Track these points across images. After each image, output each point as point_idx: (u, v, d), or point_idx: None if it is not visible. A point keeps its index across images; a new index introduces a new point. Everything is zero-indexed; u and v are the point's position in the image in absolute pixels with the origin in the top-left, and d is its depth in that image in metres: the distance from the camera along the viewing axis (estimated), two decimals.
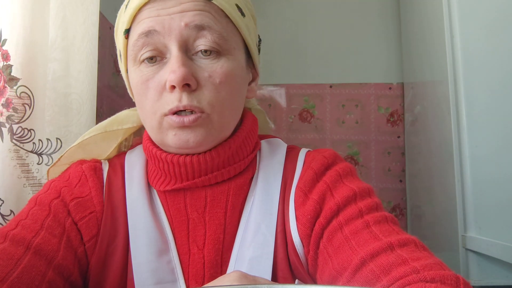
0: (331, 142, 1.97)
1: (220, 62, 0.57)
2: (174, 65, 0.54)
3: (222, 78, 0.57)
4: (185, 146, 0.57)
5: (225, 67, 0.57)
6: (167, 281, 0.57)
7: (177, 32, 0.55)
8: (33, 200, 0.60)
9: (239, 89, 0.61)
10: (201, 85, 0.56)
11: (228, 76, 0.57)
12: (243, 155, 0.63)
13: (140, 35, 0.56)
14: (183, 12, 0.55)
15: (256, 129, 0.67)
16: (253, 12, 0.65)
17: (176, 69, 0.54)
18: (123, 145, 0.74)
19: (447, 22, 1.27)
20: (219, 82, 0.57)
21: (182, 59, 0.55)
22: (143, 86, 0.58)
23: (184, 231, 0.60)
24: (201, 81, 0.56)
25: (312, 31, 2.03)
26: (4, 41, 0.78)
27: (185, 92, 0.55)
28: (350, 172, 0.62)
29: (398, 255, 0.47)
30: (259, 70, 0.68)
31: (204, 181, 0.60)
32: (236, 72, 0.59)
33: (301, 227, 0.57)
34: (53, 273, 0.53)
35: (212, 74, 0.56)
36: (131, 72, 0.60)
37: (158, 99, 0.57)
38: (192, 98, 0.55)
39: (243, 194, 0.61)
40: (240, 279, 0.37)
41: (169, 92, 0.56)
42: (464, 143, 1.20)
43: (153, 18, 0.56)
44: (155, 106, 0.57)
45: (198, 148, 0.58)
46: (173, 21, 0.55)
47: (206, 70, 0.56)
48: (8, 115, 0.79)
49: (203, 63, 0.57)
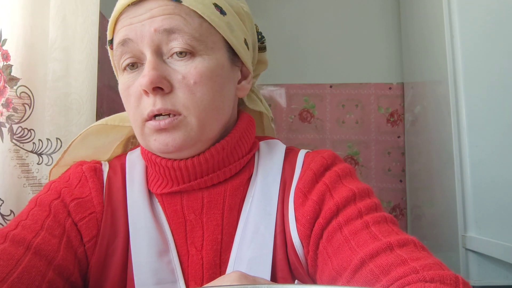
0: (331, 142, 1.97)
1: (194, 62, 0.56)
2: (146, 69, 0.55)
3: (196, 79, 0.56)
4: (165, 150, 0.57)
5: (200, 68, 0.56)
6: (167, 282, 0.57)
7: (148, 38, 0.56)
8: (33, 201, 0.60)
9: (220, 89, 0.59)
10: (175, 87, 0.56)
11: (204, 77, 0.56)
12: (238, 156, 0.63)
13: (118, 44, 0.58)
14: (152, 17, 0.56)
15: (253, 130, 0.67)
16: (239, 9, 0.64)
17: (146, 73, 0.54)
18: (131, 142, 0.74)
19: (447, 22, 1.27)
20: (193, 83, 0.56)
21: (153, 63, 0.55)
22: (125, 94, 0.59)
23: (182, 233, 0.60)
24: (174, 83, 0.56)
25: (312, 31, 2.03)
26: (4, 41, 0.78)
27: (158, 96, 0.55)
28: (349, 172, 0.62)
29: (398, 255, 0.47)
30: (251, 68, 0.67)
31: (200, 183, 0.60)
32: (214, 71, 0.58)
33: (301, 228, 0.57)
34: (53, 273, 0.53)
35: (186, 75, 0.56)
36: (119, 80, 0.62)
37: (137, 105, 0.58)
38: (166, 101, 0.55)
39: (240, 194, 0.61)
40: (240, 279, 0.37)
41: (145, 97, 0.56)
42: (464, 143, 1.20)
43: (127, 27, 0.57)
44: (136, 113, 0.58)
45: (179, 152, 0.58)
46: (144, 28, 0.56)
47: (180, 72, 0.56)
48: (8, 115, 0.79)
49: (177, 65, 0.56)
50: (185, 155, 0.59)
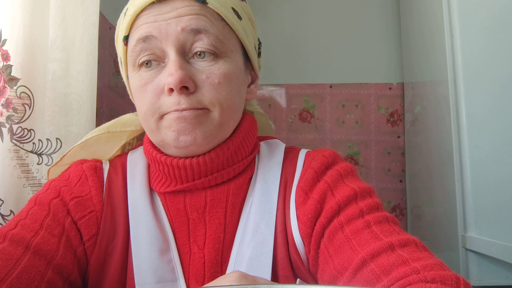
0: (331, 142, 1.97)
1: (217, 64, 0.58)
2: (172, 68, 0.55)
3: (220, 79, 0.57)
4: (183, 144, 0.57)
5: (223, 69, 0.58)
6: (168, 280, 0.57)
7: (174, 37, 0.56)
8: (33, 200, 0.60)
9: (238, 91, 0.61)
10: (199, 87, 0.57)
11: (226, 77, 0.58)
12: (242, 156, 0.63)
13: (138, 40, 0.57)
14: (179, 17, 0.56)
15: (255, 131, 0.67)
16: (251, 15, 0.66)
17: (174, 72, 0.54)
18: (126, 149, 0.74)
19: (447, 22, 1.27)
20: (218, 82, 0.57)
21: (179, 62, 0.55)
22: (141, 90, 0.58)
23: (184, 231, 0.60)
24: (199, 83, 0.57)
25: (312, 31, 2.03)
26: (4, 41, 0.78)
27: (183, 95, 0.56)
28: (351, 172, 0.62)
29: (399, 255, 0.47)
30: (258, 73, 0.69)
31: (204, 182, 0.60)
32: (234, 73, 0.60)
33: (302, 226, 0.57)
34: (53, 273, 0.53)
35: (209, 75, 0.57)
36: (131, 77, 0.61)
37: (156, 101, 0.57)
38: (191, 100, 0.56)
39: (243, 193, 0.62)
40: (240, 279, 0.37)
41: (167, 95, 0.56)
42: (464, 143, 1.20)
43: (150, 24, 0.57)
44: (153, 108, 0.57)
45: (197, 147, 0.58)
46: (170, 26, 0.56)
47: (204, 72, 0.57)
48: (8, 115, 0.79)
49: (201, 66, 0.57)
50: (196, 152, 0.59)
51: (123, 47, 0.62)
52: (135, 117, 0.71)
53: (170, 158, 0.60)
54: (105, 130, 0.69)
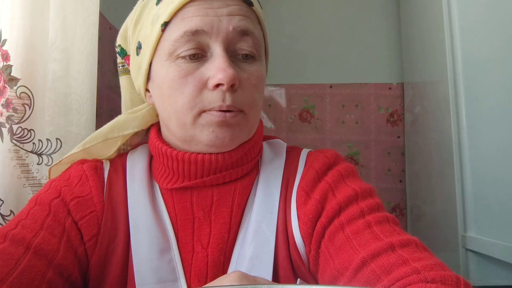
0: (331, 142, 1.97)
1: (255, 65, 0.59)
2: (222, 64, 0.55)
3: (257, 81, 0.59)
4: (220, 144, 0.58)
5: (259, 72, 0.60)
6: (168, 280, 0.57)
7: (224, 35, 0.56)
8: (33, 200, 0.60)
9: (263, 94, 0.63)
10: (241, 86, 0.57)
11: (260, 80, 0.60)
12: (251, 156, 0.63)
13: (186, 32, 0.56)
14: (231, 15, 0.56)
15: (262, 133, 0.68)
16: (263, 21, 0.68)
17: (225, 68, 0.54)
18: (121, 149, 0.74)
19: (447, 22, 1.27)
20: (254, 84, 0.59)
21: (228, 60, 0.56)
22: (180, 81, 0.57)
23: (189, 230, 0.60)
24: (241, 82, 0.57)
25: (312, 31, 2.03)
26: (4, 41, 0.78)
27: (229, 92, 0.56)
28: (352, 172, 0.62)
29: (399, 255, 0.47)
30: None
31: (213, 180, 0.60)
32: (264, 77, 0.62)
33: (303, 226, 0.57)
34: (53, 273, 0.52)
35: (249, 76, 0.58)
36: (163, 66, 0.58)
37: (197, 95, 0.56)
38: (235, 98, 0.57)
39: (248, 193, 0.62)
40: (240, 279, 0.37)
41: (211, 90, 0.56)
42: (464, 143, 1.21)
43: (201, 17, 0.56)
44: (193, 102, 0.56)
45: (229, 147, 0.59)
46: (221, 23, 0.56)
47: (246, 72, 0.58)
48: (8, 115, 0.79)
49: (242, 66, 0.58)
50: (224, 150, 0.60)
51: (158, 33, 0.58)
52: (131, 117, 0.69)
53: (182, 152, 0.60)
54: (103, 138, 0.67)
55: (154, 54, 0.60)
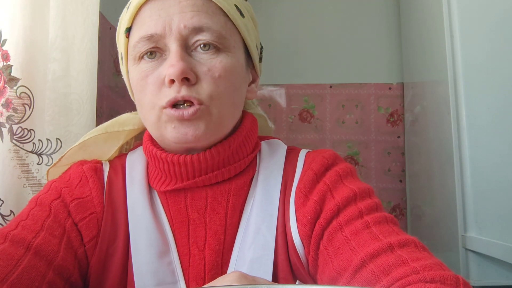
0: (331, 142, 1.97)
1: (219, 57, 0.58)
2: (173, 59, 0.55)
3: (221, 73, 0.57)
4: (184, 140, 0.57)
5: (224, 63, 0.58)
6: (168, 283, 0.57)
7: (177, 33, 0.56)
8: (34, 201, 0.60)
9: (239, 87, 0.61)
10: (200, 79, 0.57)
11: (227, 72, 0.58)
12: (243, 154, 0.63)
13: (142, 38, 0.57)
14: (182, 12, 0.56)
15: (256, 130, 0.67)
16: (253, 16, 0.66)
17: (175, 63, 0.54)
18: (124, 148, 0.74)
19: (447, 22, 1.27)
20: (218, 76, 0.57)
21: (181, 54, 0.56)
22: (142, 82, 0.58)
23: (184, 232, 0.60)
24: (200, 75, 0.57)
25: (312, 31, 2.03)
26: (4, 41, 0.78)
27: (184, 86, 0.56)
28: (350, 172, 0.62)
29: (398, 255, 0.47)
30: (259, 73, 0.69)
31: (205, 180, 0.60)
32: (235, 69, 0.60)
33: (302, 228, 0.57)
34: (53, 274, 0.52)
35: (211, 68, 0.57)
36: (131, 71, 0.61)
37: (157, 93, 0.57)
38: (192, 90, 0.56)
39: (243, 195, 0.62)
40: (240, 279, 0.37)
41: (168, 87, 0.56)
42: (464, 143, 1.20)
43: (154, 20, 0.57)
44: (154, 100, 0.57)
45: (196, 142, 0.58)
46: (173, 22, 0.56)
47: (205, 65, 0.57)
48: (8, 115, 0.79)
49: (202, 58, 0.57)
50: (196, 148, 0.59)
51: (124, 40, 0.61)
52: (133, 116, 0.71)
53: (171, 154, 0.60)
54: (103, 131, 0.69)
55: (128, 62, 0.62)
